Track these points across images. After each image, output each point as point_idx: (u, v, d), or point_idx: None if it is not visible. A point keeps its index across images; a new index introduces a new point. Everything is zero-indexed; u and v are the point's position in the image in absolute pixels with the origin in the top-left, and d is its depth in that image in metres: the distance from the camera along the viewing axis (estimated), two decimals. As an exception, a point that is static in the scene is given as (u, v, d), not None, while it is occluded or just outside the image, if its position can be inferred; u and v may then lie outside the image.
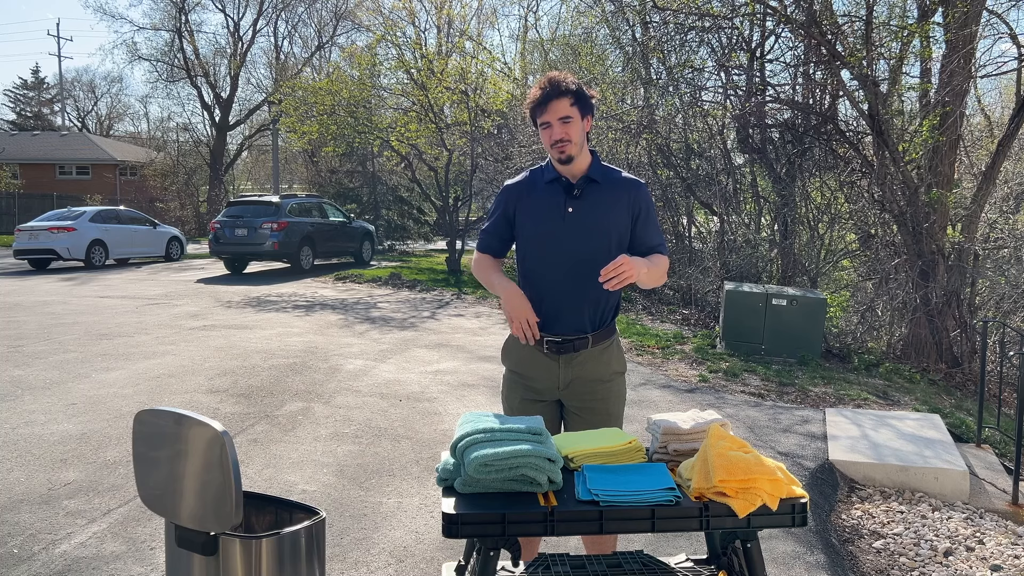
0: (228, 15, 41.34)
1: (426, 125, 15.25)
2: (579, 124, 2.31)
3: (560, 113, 2.27)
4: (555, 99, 2.27)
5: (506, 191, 2.48)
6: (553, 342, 2.37)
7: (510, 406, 2.49)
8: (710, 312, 10.37)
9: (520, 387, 2.46)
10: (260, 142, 37.19)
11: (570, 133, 2.29)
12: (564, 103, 2.28)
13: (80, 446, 4.48)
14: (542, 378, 2.41)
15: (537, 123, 2.34)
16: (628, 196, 2.38)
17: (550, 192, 2.38)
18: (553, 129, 2.29)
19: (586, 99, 2.32)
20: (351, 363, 6.89)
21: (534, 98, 2.31)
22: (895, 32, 9.50)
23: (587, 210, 2.35)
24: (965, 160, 11.05)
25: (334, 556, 3.20)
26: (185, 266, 17.15)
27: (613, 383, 2.45)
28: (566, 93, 2.28)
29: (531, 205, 2.40)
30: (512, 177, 2.55)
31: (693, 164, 11.68)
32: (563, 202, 2.35)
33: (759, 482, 1.70)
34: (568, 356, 2.37)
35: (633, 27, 12.32)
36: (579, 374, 2.39)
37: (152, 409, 1.75)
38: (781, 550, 3.42)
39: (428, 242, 24.80)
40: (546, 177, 2.41)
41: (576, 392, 2.41)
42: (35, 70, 61.92)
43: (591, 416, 2.41)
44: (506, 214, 2.46)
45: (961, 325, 8.46)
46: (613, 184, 2.39)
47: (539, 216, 2.38)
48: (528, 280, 2.42)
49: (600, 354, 2.41)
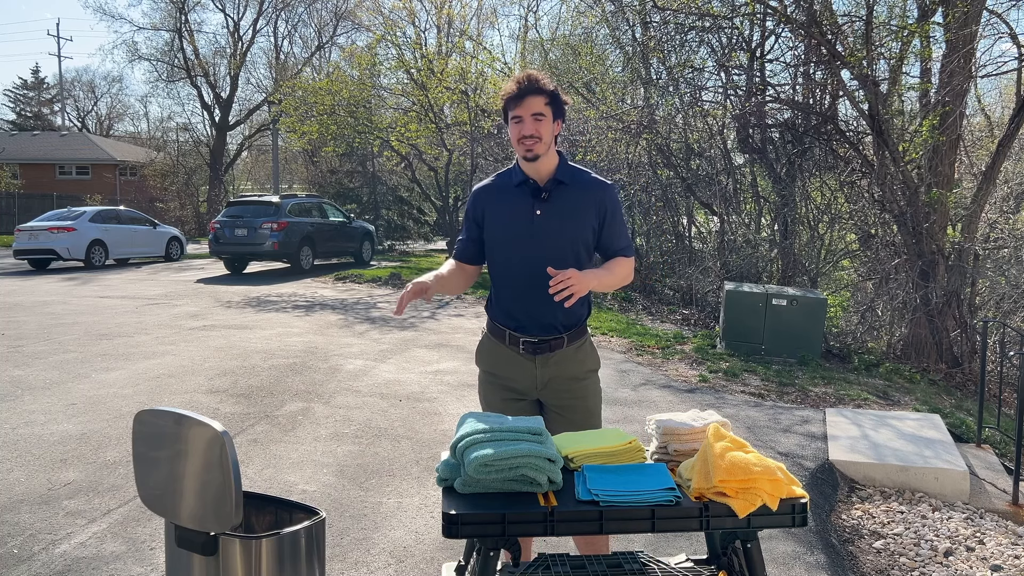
0: (228, 15, 41.38)
1: (426, 125, 15.26)
2: (550, 124, 2.30)
3: (533, 109, 2.27)
4: (531, 95, 2.27)
5: (475, 196, 2.47)
6: (529, 343, 2.38)
7: (489, 405, 2.49)
8: (710, 312, 10.37)
9: (498, 387, 2.47)
10: (260, 142, 37.18)
11: (540, 131, 2.28)
12: (539, 100, 2.27)
13: (80, 446, 4.48)
14: (519, 378, 2.42)
15: (509, 116, 2.32)
16: (595, 198, 2.38)
17: (518, 195, 2.38)
18: (524, 124, 2.28)
19: (560, 102, 2.32)
20: (351, 363, 6.89)
21: (509, 92, 2.29)
22: (895, 32, 9.50)
23: (555, 212, 2.35)
24: (965, 160, 11.05)
25: (334, 556, 3.20)
26: (185, 266, 17.15)
27: (589, 380, 2.48)
28: (542, 92, 2.28)
29: (499, 208, 2.40)
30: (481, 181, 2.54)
31: (693, 164, 11.68)
32: (531, 205, 2.35)
33: (759, 482, 1.70)
34: (544, 356, 2.39)
35: (633, 27, 12.32)
36: (556, 373, 2.41)
37: (152, 409, 1.75)
38: (781, 550, 3.41)
39: (428, 242, 24.81)
40: (514, 180, 2.40)
41: (554, 391, 2.42)
42: (35, 70, 61.95)
43: (571, 414, 2.42)
44: (476, 219, 2.45)
45: (961, 325, 8.46)
46: (581, 186, 2.38)
47: (507, 219, 2.38)
48: (500, 282, 2.42)
49: (575, 353, 2.43)
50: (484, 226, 2.44)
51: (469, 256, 2.49)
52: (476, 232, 2.46)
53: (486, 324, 2.53)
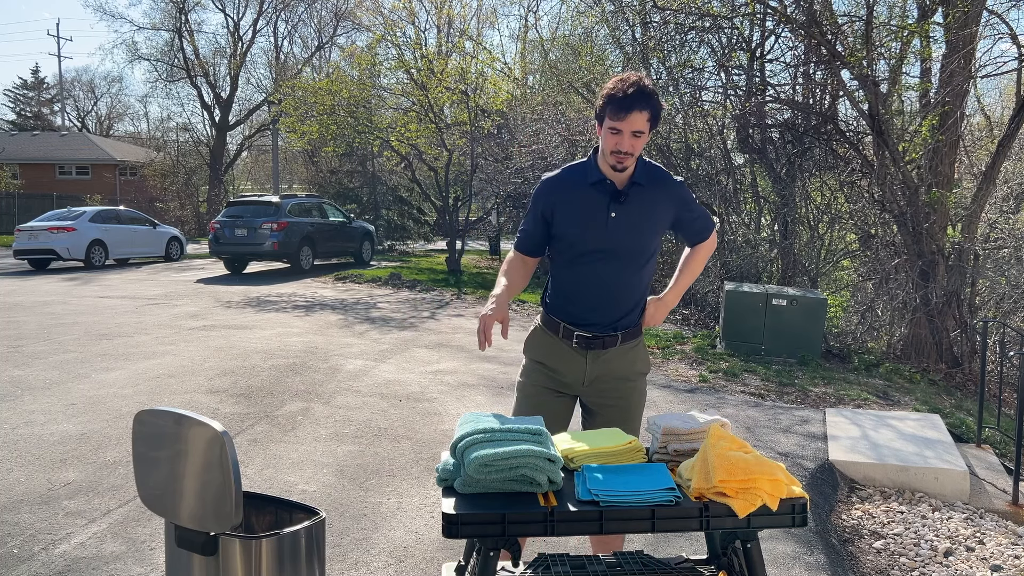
0: (228, 15, 41.34)
1: (426, 125, 15.24)
2: (646, 139, 2.23)
3: (635, 126, 2.16)
4: (638, 110, 2.15)
5: (544, 187, 2.37)
6: (583, 337, 2.36)
7: (527, 396, 2.44)
8: (710, 312, 10.37)
9: (542, 375, 2.42)
10: (260, 142, 37.16)
11: (636, 147, 2.20)
12: (643, 117, 2.16)
13: (80, 446, 4.48)
14: (568, 371, 2.40)
15: (606, 118, 2.19)
16: (670, 198, 2.36)
17: (594, 194, 2.30)
18: (623, 139, 2.18)
19: (659, 114, 2.22)
20: (351, 363, 6.89)
21: (615, 98, 2.15)
22: (895, 32, 9.50)
23: (630, 215, 2.30)
24: (965, 160, 11.05)
25: (334, 556, 3.20)
26: (185, 266, 17.15)
27: (637, 383, 2.46)
28: (650, 107, 2.16)
29: (571, 205, 2.32)
30: (554, 171, 2.44)
31: (693, 164, 11.67)
32: (607, 206, 2.29)
33: (759, 482, 1.70)
34: (596, 352, 2.37)
35: (633, 27, 12.33)
36: (605, 371, 2.39)
37: (152, 409, 1.75)
38: (781, 550, 3.41)
39: (428, 242, 24.80)
40: (590, 178, 2.31)
41: (599, 389, 2.41)
42: (35, 70, 61.88)
43: (612, 413, 2.41)
44: (544, 212, 2.36)
45: (961, 325, 8.46)
46: (656, 186, 2.34)
47: (580, 217, 2.31)
48: (563, 277, 2.39)
49: (626, 353, 2.41)
50: (553, 220, 2.36)
51: (532, 248, 2.43)
52: (542, 227, 2.38)
53: (540, 317, 2.48)
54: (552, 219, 2.36)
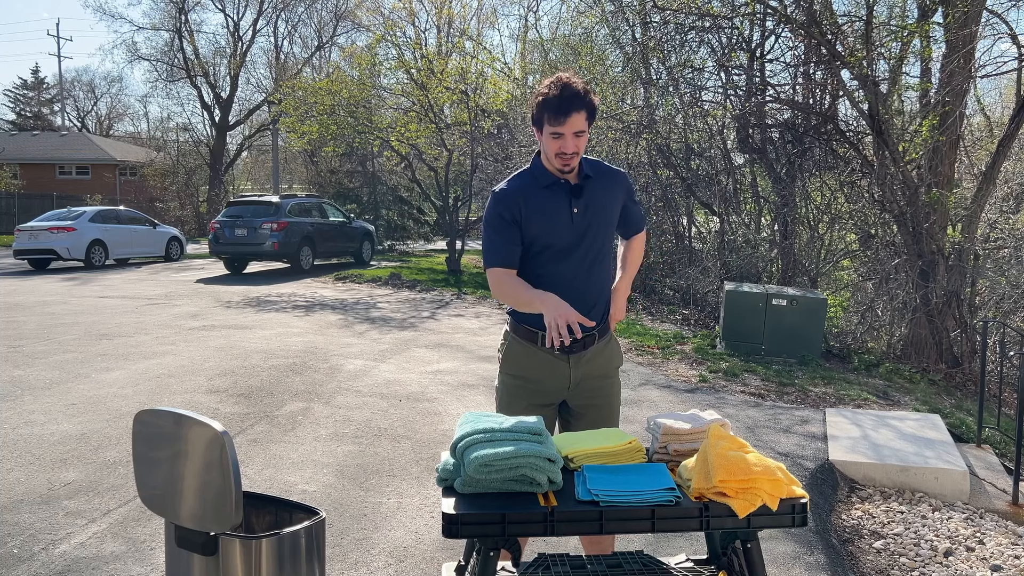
0: (228, 15, 41.24)
1: (426, 125, 15.24)
2: (587, 135, 2.26)
3: (576, 127, 2.20)
4: (575, 112, 2.18)
5: (504, 198, 2.34)
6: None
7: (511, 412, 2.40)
8: (710, 312, 10.37)
9: (525, 393, 2.41)
10: (260, 142, 37.17)
11: (580, 146, 2.24)
12: (581, 117, 2.20)
13: (80, 446, 4.48)
14: (550, 380, 2.39)
15: (544, 124, 2.22)
16: (619, 185, 2.43)
17: (553, 196, 2.33)
18: (566, 141, 2.21)
19: (595, 110, 2.25)
20: (351, 363, 6.89)
21: (551, 104, 2.18)
22: (895, 32, 9.50)
23: (591, 207, 2.35)
24: (965, 160, 11.05)
25: (334, 556, 3.20)
26: (185, 266, 17.15)
27: (616, 378, 2.50)
28: (585, 107, 2.20)
29: (537, 210, 2.33)
30: (500, 183, 2.43)
31: (693, 164, 11.68)
32: (568, 203, 2.33)
33: (759, 482, 1.70)
34: (577, 355, 2.38)
35: (633, 27, 12.32)
36: (587, 372, 2.40)
37: (152, 409, 1.75)
38: (781, 550, 3.41)
39: (428, 242, 24.79)
40: (542, 182, 2.33)
41: (583, 390, 2.42)
42: (35, 70, 61.84)
43: (595, 413, 2.42)
44: (514, 220, 2.33)
45: (961, 325, 8.46)
46: (602, 176, 2.40)
47: (546, 218, 2.33)
48: (541, 285, 2.36)
49: (603, 349, 2.44)
50: (523, 228, 2.34)
51: (516, 258, 2.35)
52: (518, 235, 2.34)
53: (510, 328, 2.44)
54: (522, 225, 2.34)
